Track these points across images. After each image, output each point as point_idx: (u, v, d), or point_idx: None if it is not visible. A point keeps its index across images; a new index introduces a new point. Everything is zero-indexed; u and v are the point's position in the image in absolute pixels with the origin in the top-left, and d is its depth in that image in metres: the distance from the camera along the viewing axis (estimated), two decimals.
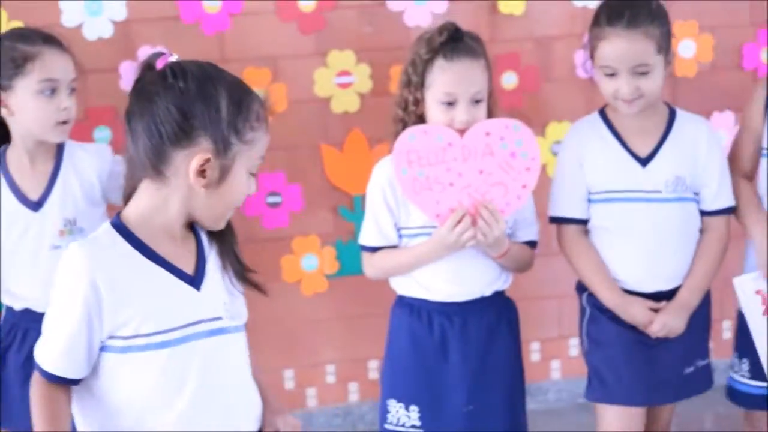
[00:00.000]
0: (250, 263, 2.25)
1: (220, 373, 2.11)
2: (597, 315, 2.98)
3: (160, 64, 2.06)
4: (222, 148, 2.04)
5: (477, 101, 2.79)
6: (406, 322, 2.93)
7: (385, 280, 3.03)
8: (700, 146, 2.91)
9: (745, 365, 3.04)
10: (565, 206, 2.97)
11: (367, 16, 3.72)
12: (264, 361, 3.73)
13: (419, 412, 2.89)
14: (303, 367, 3.91)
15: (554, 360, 4.09)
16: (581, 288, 3.04)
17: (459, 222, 2.77)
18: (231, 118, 2.04)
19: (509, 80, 3.84)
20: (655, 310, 2.90)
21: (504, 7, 3.80)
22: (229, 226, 2.18)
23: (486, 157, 2.78)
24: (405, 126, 2.85)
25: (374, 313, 3.70)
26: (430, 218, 2.82)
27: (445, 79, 2.78)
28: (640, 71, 2.79)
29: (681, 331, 2.90)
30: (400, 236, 2.92)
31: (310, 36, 3.69)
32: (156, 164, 2.05)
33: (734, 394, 3.11)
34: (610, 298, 2.93)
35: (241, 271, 2.19)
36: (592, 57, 2.88)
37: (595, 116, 2.99)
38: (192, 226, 2.15)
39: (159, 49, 3.47)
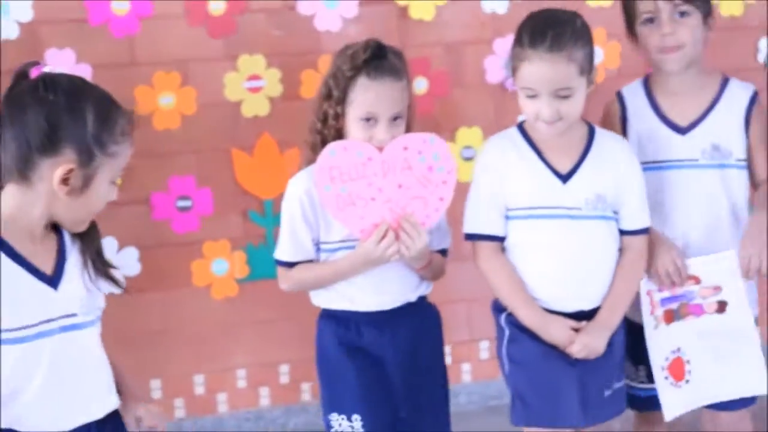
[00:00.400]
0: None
1: (72, 364, 2.23)
2: (517, 335, 2.89)
3: (33, 74, 2.18)
4: (86, 159, 2.17)
5: (396, 119, 2.78)
6: (335, 335, 2.90)
7: None
8: (620, 164, 2.86)
9: (642, 371, 3.06)
10: (481, 223, 2.89)
11: (276, 20, 3.71)
12: (174, 366, 3.78)
13: (362, 420, 2.87)
14: (214, 372, 3.88)
15: (465, 363, 4.11)
16: (499, 308, 2.94)
17: (383, 237, 2.76)
18: (96, 132, 2.17)
19: (420, 85, 3.85)
20: (577, 330, 2.83)
21: (414, 12, 3.81)
22: (92, 225, 2.31)
23: (405, 172, 2.78)
24: (323, 138, 2.83)
25: (285, 317, 3.83)
26: (354, 233, 2.80)
27: (367, 97, 2.76)
28: (562, 94, 2.72)
29: (602, 351, 2.83)
30: (318, 250, 2.88)
31: (220, 40, 3.67)
32: (23, 170, 2.17)
33: (636, 402, 3.11)
34: (529, 317, 2.84)
35: (102, 268, 2.31)
36: (513, 75, 2.81)
37: (514, 131, 2.91)
38: (55, 226, 2.26)
39: (65, 51, 3.48)
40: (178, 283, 3.74)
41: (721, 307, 2.92)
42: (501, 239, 2.89)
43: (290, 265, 2.89)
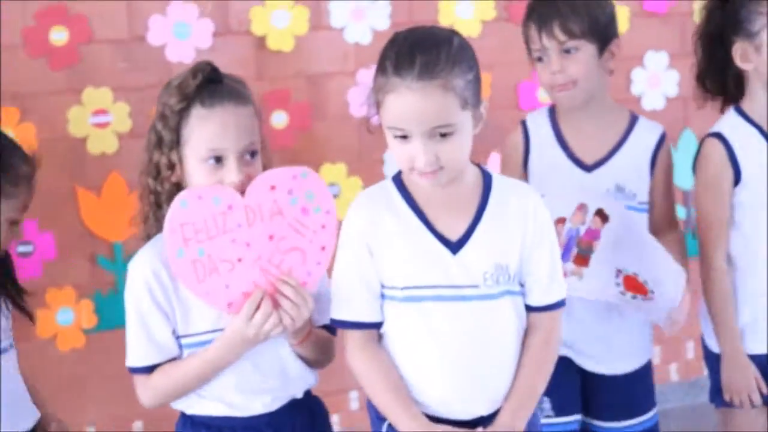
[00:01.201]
0: None
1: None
2: None
3: None
4: None
5: (251, 154, 2.31)
6: None
7: None
8: (528, 223, 2.29)
9: (547, 404, 2.86)
10: (350, 307, 2.30)
11: (124, 51, 3.54)
12: None
13: None
14: None
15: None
16: (378, 416, 2.36)
17: (257, 308, 2.26)
18: None
19: (279, 119, 3.72)
20: None
21: (272, 43, 3.68)
22: (7, 255, 2.34)
23: (275, 218, 2.28)
24: (157, 200, 2.36)
25: None
26: (220, 309, 2.29)
27: (207, 131, 2.28)
28: (442, 132, 2.16)
29: None
30: (181, 346, 2.36)
31: (62, 71, 3.47)
32: None
33: None
34: (410, 427, 2.25)
35: (16, 297, 2.40)
36: (377, 111, 2.24)
37: (389, 185, 2.33)
38: None
39: None
40: (20, 336, 3.46)
41: (603, 217, 2.71)
42: (375, 326, 2.31)
43: (148, 370, 2.37)
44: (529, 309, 2.34)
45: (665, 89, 4.19)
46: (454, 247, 2.26)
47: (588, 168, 2.84)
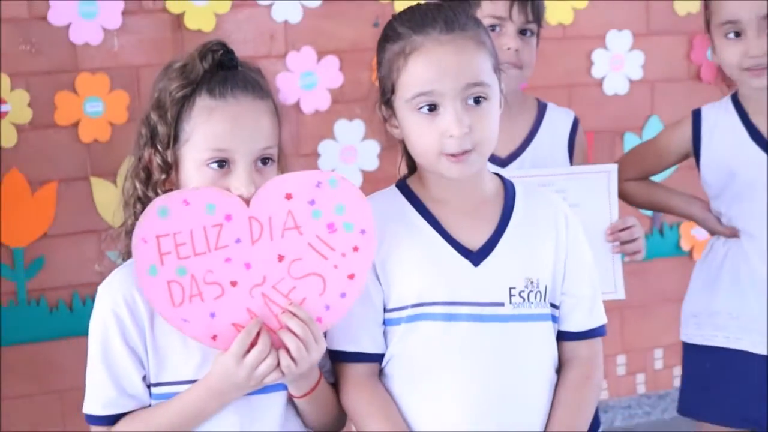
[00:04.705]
0: None
1: None
2: None
3: None
4: None
5: (265, 161, 1.91)
6: None
7: None
8: (559, 234, 2.02)
9: None
10: (347, 335, 1.98)
11: (23, 32, 3.24)
12: None
13: None
14: None
15: None
16: None
17: (252, 344, 1.85)
18: None
19: None
20: None
21: (190, 22, 3.40)
22: None
23: (289, 234, 1.88)
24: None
25: (42, 391, 3.34)
26: (200, 342, 1.88)
27: (213, 126, 1.88)
28: (476, 94, 1.91)
29: None
30: (152, 395, 1.95)
31: None
32: None
33: None
34: None
35: None
36: (390, 94, 1.96)
37: (392, 192, 2.05)
38: None
39: None
40: None
41: None
42: (378, 358, 1.99)
43: (110, 420, 1.94)
44: (565, 337, 2.03)
45: (629, 72, 3.98)
46: (476, 257, 1.95)
47: (502, 162, 2.59)
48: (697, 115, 2.76)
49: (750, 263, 2.68)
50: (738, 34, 2.61)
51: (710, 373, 2.74)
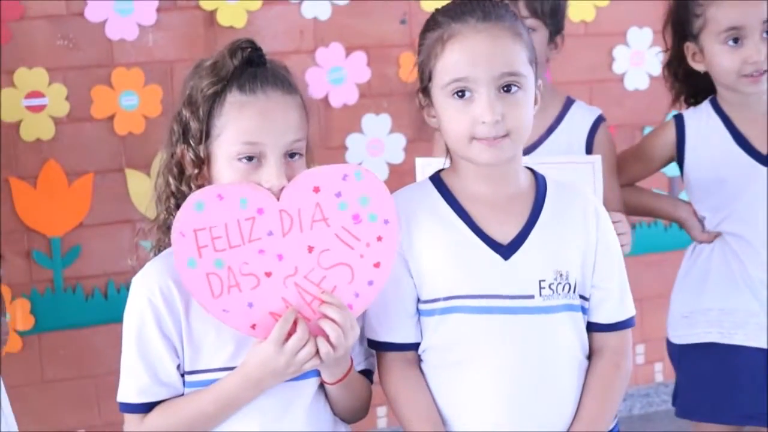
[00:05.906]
0: None
1: None
2: None
3: None
4: None
5: (293, 155, 1.95)
6: None
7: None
8: (589, 227, 2.05)
9: None
10: (382, 326, 2.05)
11: (61, 28, 3.32)
12: None
13: None
14: None
15: None
16: None
17: (290, 332, 1.90)
18: None
19: None
20: None
21: (223, 19, 3.47)
22: None
23: (318, 227, 1.94)
24: (178, 206, 1.97)
25: (78, 376, 3.44)
26: (240, 331, 1.93)
27: (244, 121, 1.93)
28: (509, 82, 1.95)
29: None
30: (186, 383, 1.98)
31: None
32: None
33: None
34: None
35: None
36: (428, 82, 2.01)
37: (426, 184, 2.10)
38: None
39: None
40: None
41: None
42: (414, 347, 2.05)
43: (144, 408, 1.98)
44: (595, 328, 2.07)
45: (649, 67, 4.02)
46: (506, 251, 1.99)
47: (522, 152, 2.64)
48: (680, 120, 2.73)
49: (743, 263, 2.64)
50: (736, 41, 2.57)
51: (707, 371, 2.70)
